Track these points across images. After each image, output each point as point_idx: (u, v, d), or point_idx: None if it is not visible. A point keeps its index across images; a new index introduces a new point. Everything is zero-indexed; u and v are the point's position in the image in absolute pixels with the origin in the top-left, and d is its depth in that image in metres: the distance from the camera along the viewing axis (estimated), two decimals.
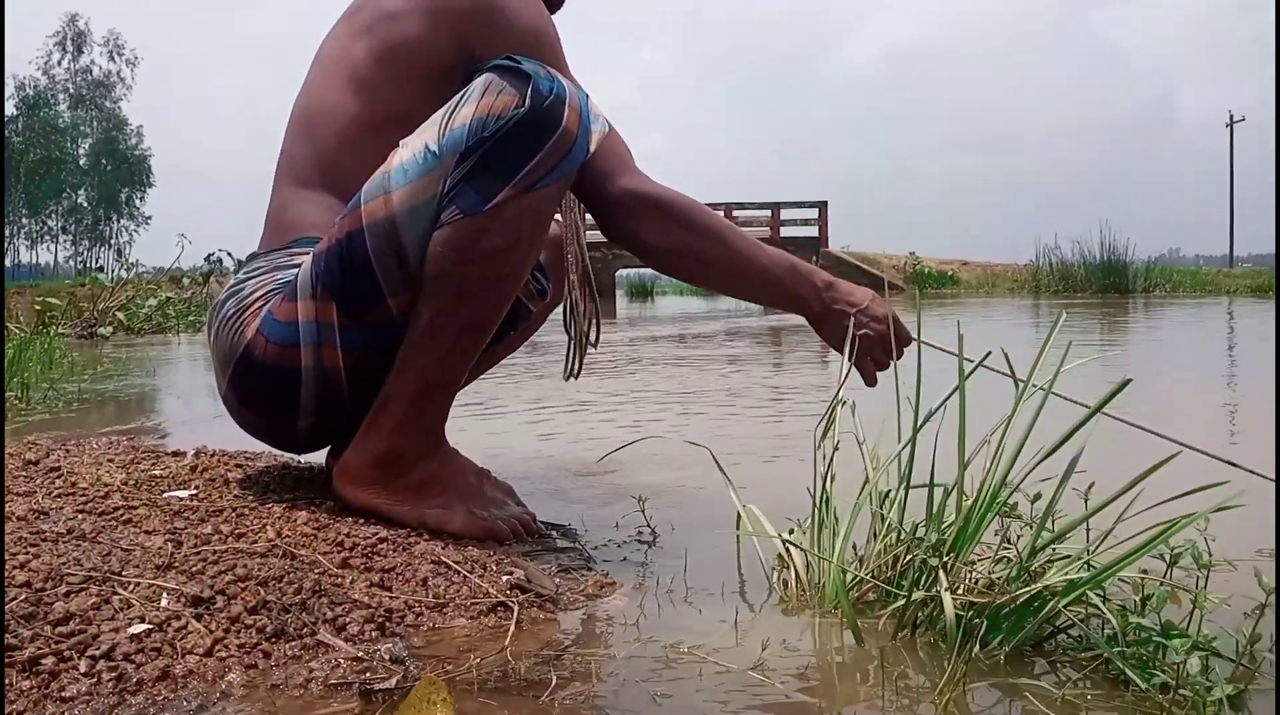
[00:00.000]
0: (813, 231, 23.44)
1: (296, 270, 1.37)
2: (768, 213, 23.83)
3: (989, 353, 1.21)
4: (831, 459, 1.22)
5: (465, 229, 1.23)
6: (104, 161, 52.51)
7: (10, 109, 50.07)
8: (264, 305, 1.37)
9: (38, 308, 7.46)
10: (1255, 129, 45.97)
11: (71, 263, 53.69)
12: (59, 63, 51.93)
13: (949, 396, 1.18)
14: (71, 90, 52.17)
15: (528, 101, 1.21)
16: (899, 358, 1.42)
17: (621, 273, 22.36)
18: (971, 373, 1.17)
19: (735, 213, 23.86)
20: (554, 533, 1.42)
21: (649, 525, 1.44)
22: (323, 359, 1.32)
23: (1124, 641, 0.91)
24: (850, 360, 1.40)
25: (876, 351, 1.45)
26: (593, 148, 1.27)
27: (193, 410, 3.15)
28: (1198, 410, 2.96)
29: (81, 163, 52.85)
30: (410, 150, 1.27)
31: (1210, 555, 0.98)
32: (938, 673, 0.92)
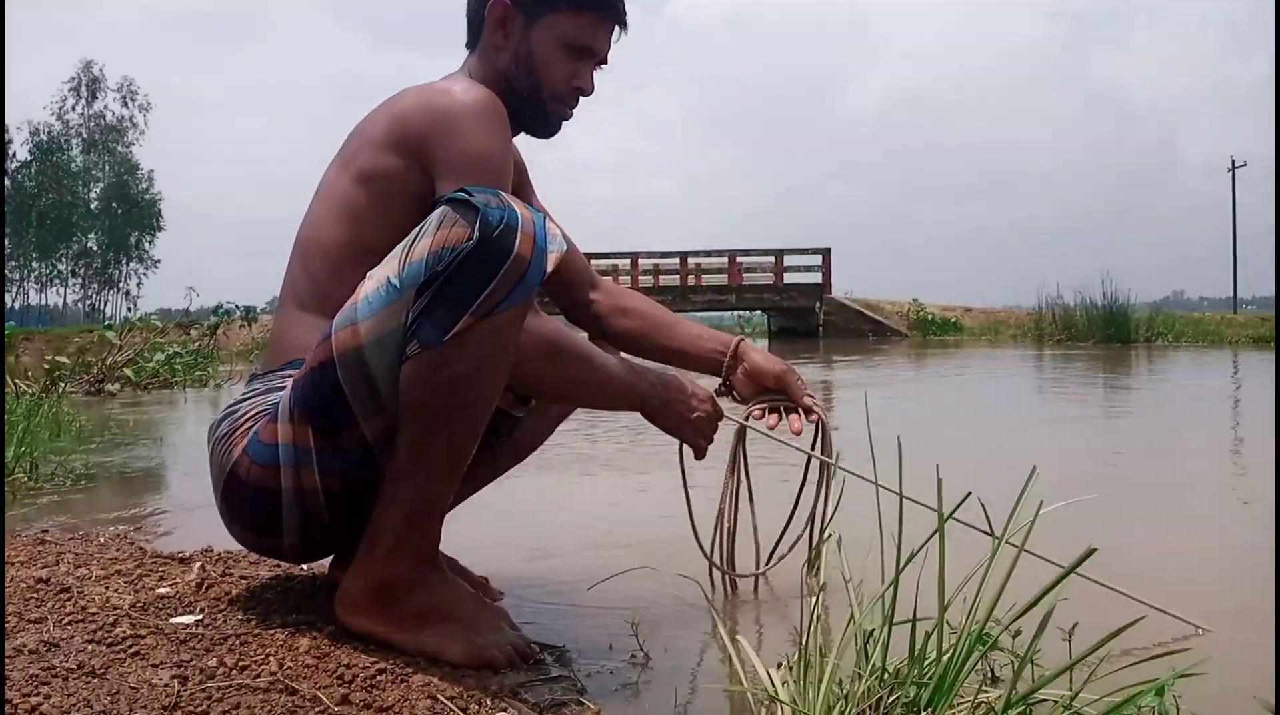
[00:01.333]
0: (816, 278, 23.59)
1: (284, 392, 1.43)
2: (771, 259, 24.01)
3: (969, 493, 1.25)
4: (817, 600, 1.26)
5: (428, 361, 1.29)
6: (115, 206, 53.04)
7: (24, 154, 50.64)
8: (252, 426, 1.43)
9: (46, 366, 7.53)
10: (1256, 174, 46.24)
11: (80, 306, 54.05)
12: (73, 108, 52.64)
13: (928, 540, 1.22)
14: (85, 135, 52.84)
15: (476, 233, 1.26)
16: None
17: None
18: (950, 515, 1.21)
19: (740, 259, 24.03)
20: (548, 657, 1.45)
21: (642, 649, 1.47)
22: (301, 480, 1.38)
23: None
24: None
25: (706, 429, 1.66)
26: (549, 268, 1.33)
27: (198, 490, 3.19)
28: (1202, 500, 3.00)
29: (92, 207, 53.36)
30: (375, 283, 1.34)
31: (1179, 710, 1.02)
32: None
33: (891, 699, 1.14)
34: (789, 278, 23.87)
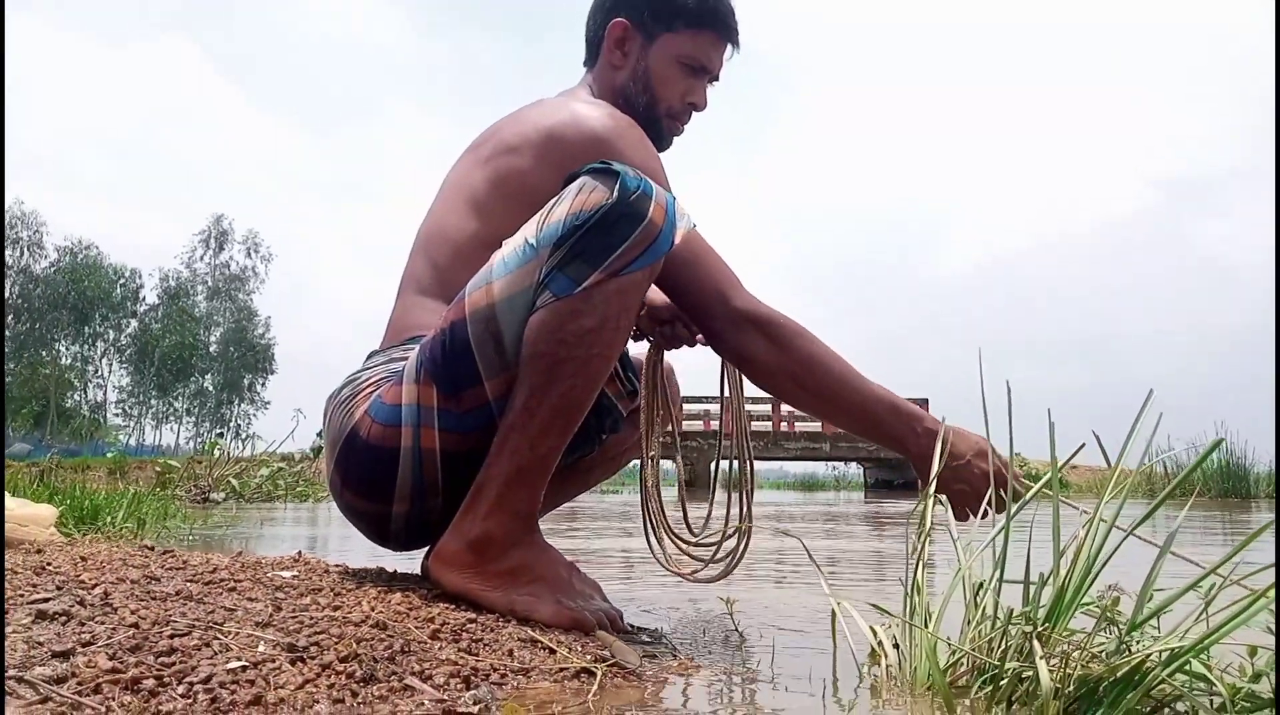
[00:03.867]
0: None
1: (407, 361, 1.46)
2: None
3: (1083, 445, 1.21)
4: (923, 545, 1.21)
5: (557, 311, 1.31)
6: (232, 349, 55.56)
7: (152, 297, 53.79)
8: (374, 391, 1.45)
9: (157, 470, 7.81)
10: None
11: (191, 443, 56.03)
12: (201, 257, 56.01)
13: (1042, 484, 1.17)
14: (209, 283, 55.99)
15: (615, 194, 1.30)
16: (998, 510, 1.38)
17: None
18: (1065, 464, 1.16)
19: None
20: (641, 634, 1.41)
21: (736, 629, 1.42)
22: (421, 440, 1.39)
23: (1233, 711, 0.86)
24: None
25: (971, 502, 1.48)
26: (677, 241, 1.35)
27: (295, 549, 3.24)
28: None
29: (211, 349, 56.00)
30: (512, 245, 1.37)
31: None
32: None
33: (1003, 642, 1.07)
34: None
